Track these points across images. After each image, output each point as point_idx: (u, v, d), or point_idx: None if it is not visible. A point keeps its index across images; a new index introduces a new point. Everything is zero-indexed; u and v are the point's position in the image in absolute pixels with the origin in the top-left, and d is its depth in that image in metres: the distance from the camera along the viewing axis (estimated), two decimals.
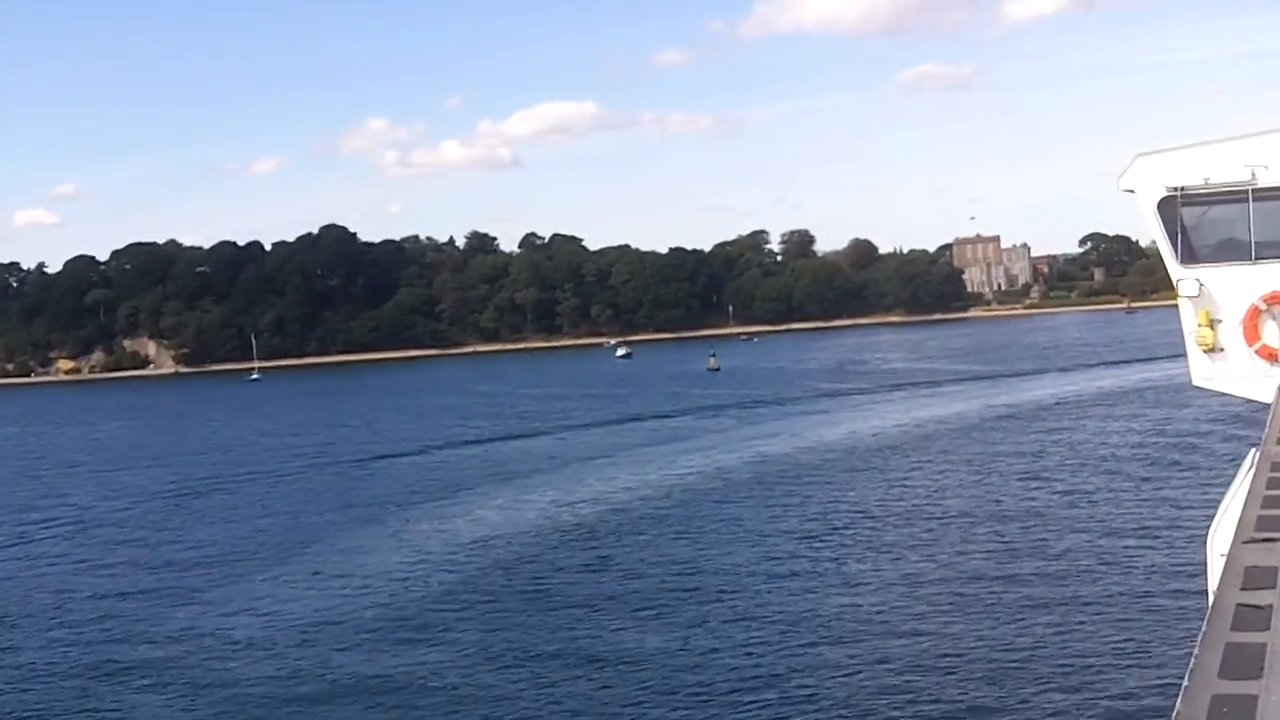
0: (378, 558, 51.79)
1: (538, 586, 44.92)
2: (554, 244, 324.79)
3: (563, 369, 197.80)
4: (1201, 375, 19.61)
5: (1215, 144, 18.93)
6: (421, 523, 59.61)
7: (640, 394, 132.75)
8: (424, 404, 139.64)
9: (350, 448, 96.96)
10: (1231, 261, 19.07)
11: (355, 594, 45.43)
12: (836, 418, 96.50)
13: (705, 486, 65.40)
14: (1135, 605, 36.61)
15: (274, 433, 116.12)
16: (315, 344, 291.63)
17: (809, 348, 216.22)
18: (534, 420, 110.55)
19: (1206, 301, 19.02)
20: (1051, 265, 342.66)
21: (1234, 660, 6.65)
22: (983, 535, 49.07)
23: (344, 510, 65.44)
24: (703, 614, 39.71)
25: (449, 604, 42.95)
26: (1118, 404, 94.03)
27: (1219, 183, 18.55)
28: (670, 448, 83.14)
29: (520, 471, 75.92)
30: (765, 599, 41.21)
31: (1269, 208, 18.68)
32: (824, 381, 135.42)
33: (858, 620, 37.85)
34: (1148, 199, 19.09)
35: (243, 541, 58.21)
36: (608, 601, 42.22)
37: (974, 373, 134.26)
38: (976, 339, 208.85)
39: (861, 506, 57.29)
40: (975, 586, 40.41)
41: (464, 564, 49.48)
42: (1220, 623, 7.36)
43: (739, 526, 54.00)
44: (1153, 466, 62.97)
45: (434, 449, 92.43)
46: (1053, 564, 42.95)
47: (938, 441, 78.54)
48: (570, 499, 63.73)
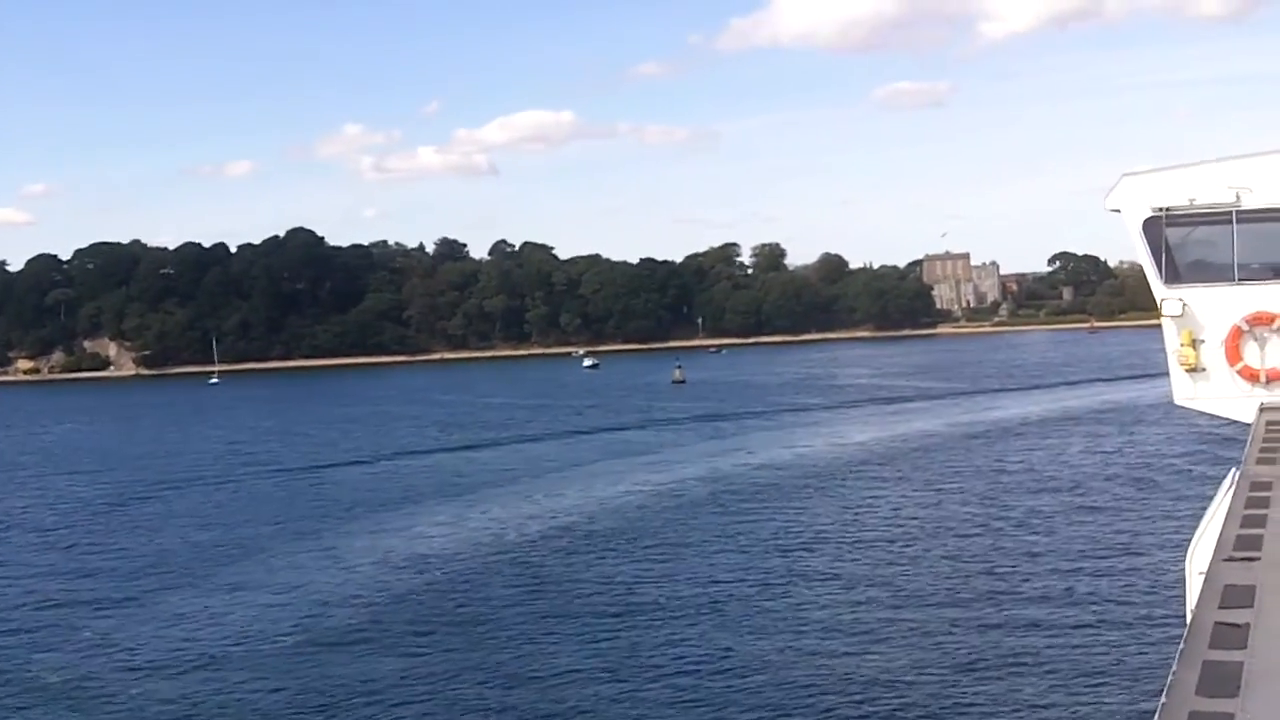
0: (306, 575, 49.66)
1: (468, 608, 43.01)
2: (524, 252, 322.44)
3: (528, 379, 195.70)
4: (1184, 394, 19.70)
5: (1201, 165, 19.06)
6: (357, 538, 57.46)
7: (602, 406, 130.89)
8: (382, 412, 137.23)
9: (298, 455, 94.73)
10: (1215, 282, 19.25)
11: (274, 613, 43.29)
12: (797, 435, 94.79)
13: (656, 505, 63.47)
14: (1115, 623, 36.52)
15: (223, 438, 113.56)
16: (280, 348, 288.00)
17: (776, 361, 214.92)
18: (491, 431, 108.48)
19: (1189, 321, 19.19)
20: (1020, 283, 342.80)
21: (1212, 678, 6.73)
22: (955, 554, 48.11)
23: (279, 522, 63.20)
24: (638, 637, 38.09)
25: (373, 626, 40.92)
26: (1083, 423, 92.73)
27: (1204, 204, 18.69)
28: (625, 463, 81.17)
29: (469, 485, 73.90)
30: (709, 621, 39.60)
31: (1253, 229, 18.83)
32: (788, 396, 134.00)
33: (814, 644, 36.34)
34: (1133, 218, 19.22)
35: (169, 553, 55.94)
36: (540, 623, 40.46)
37: (938, 390, 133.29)
38: (943, 356, 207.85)
39: (817, 527, 55.60)
40: (946, 606, 39.86)
41: (394, 583, 47.39)
42: (1198, 640, 7.46)
43: (685, 547, 52.16)
44: (1124, 485, 62.01)
45: (384, 459, 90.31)
46: (1028, 583, 42.43)
47: (900, 461, 76.97)
48: (515, 515, 61.73)
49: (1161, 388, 20.22)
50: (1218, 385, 19.36)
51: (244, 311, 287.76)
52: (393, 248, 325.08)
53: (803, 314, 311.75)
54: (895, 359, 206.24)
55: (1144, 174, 19.39)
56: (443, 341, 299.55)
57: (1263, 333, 19.03)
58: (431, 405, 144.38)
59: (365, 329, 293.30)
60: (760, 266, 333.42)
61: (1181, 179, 18.98)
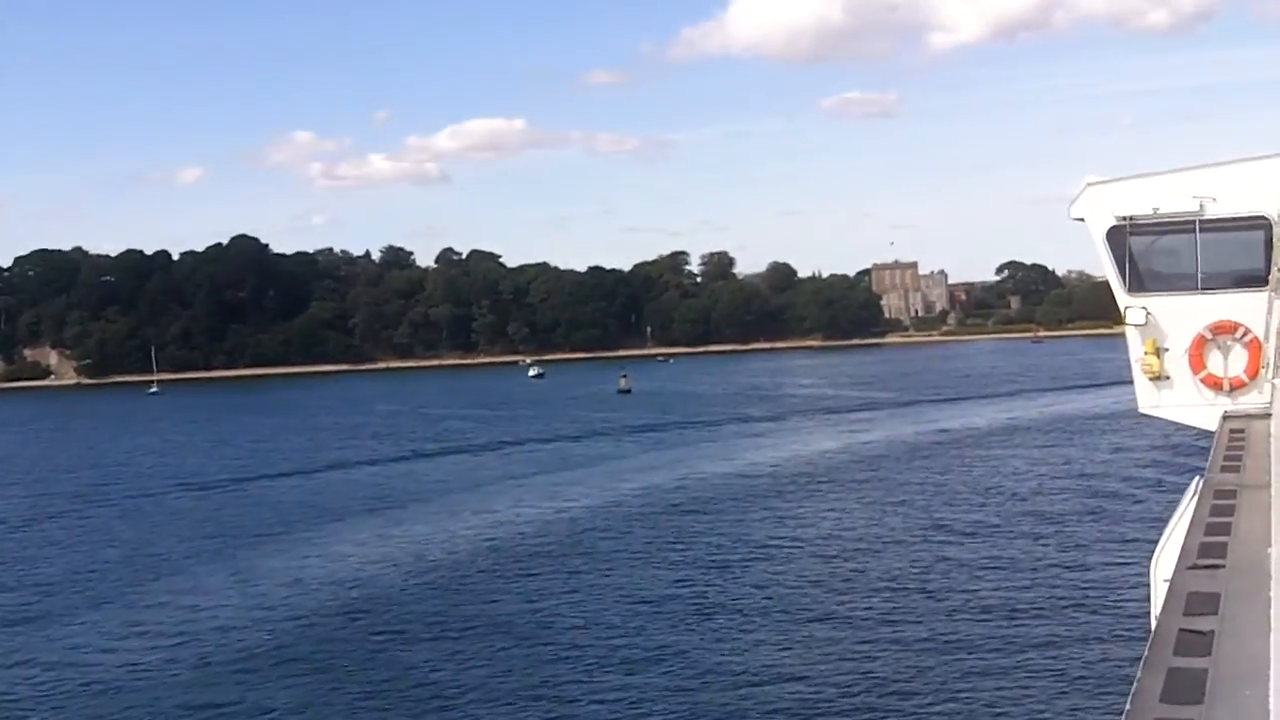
0: (208, 597, 47.53)
1: (376, 632, 41.18)
2: (471, 260, 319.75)
3: (472, 388, 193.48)
4: (1148, 403, 19.82)
5: (1164, 175, 19.22)
6: (269, 557, 55.26)
7: (544, 416, 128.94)
8: (318, 422, 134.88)
9: (224, 469, 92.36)
10: (1178, 291, 19.33)
11: (170, 640, 41.16)
12: (739, 447, 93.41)
13: (587, 521, 61.74)
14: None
15: (153, 450, 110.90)
16: (223, 357, 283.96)
17: (723, 371, 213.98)
18: (425, 443, 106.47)
19: (1153, 330, 19.33)
20: (969, 293, 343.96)
21: (1176, 685, 6.75)
22: (911, 566, 47.58)
23: (194, 540, 60.92)
24: (553, 661, 36.51)
25: (273, 653, 38.99)
26: (1035, 434, 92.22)
27: (1167, 213, 18.84)
28: (559, 477, 79.28)
29: (394, 500, 71.88)
30: (626, 645, 38.01)
31: (1216, 239, 18.98)
32: (732, 407, 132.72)
33: (755, 662, 35.32)
34: (1097, 227, 19.31)
35: (73, 575, 53.58)
36: (450, 645, 38.80)
37: (883, 400, 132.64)
38: (889, 366, 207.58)
39: (754, 542, 54.30)
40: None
41: (301, 606, 45.34)
42: (1162, 648, 7.49)
43: (609, 566, 50.48)
44: (1083, 495, 61.31)
45: (311, 472, 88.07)
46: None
47: (843, 473, 75.84)
48: (436, 533, 59.79)
49: (1113, 397, 20.47)
50: (1181, 393, 19.46)
51: (186, 320, 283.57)
52: (338, 255, 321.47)
53: (752, 323, 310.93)
54: (842, 369, 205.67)
55: (1108, 183, 19.45)
56: (388, 350, 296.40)
57: (1226, 341, 19.16)
58: (369, 415, 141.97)
59: (309, 338, 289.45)
60: (709, 275, 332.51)
61: (1145, 188, 19.08)
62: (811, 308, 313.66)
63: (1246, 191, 18.69)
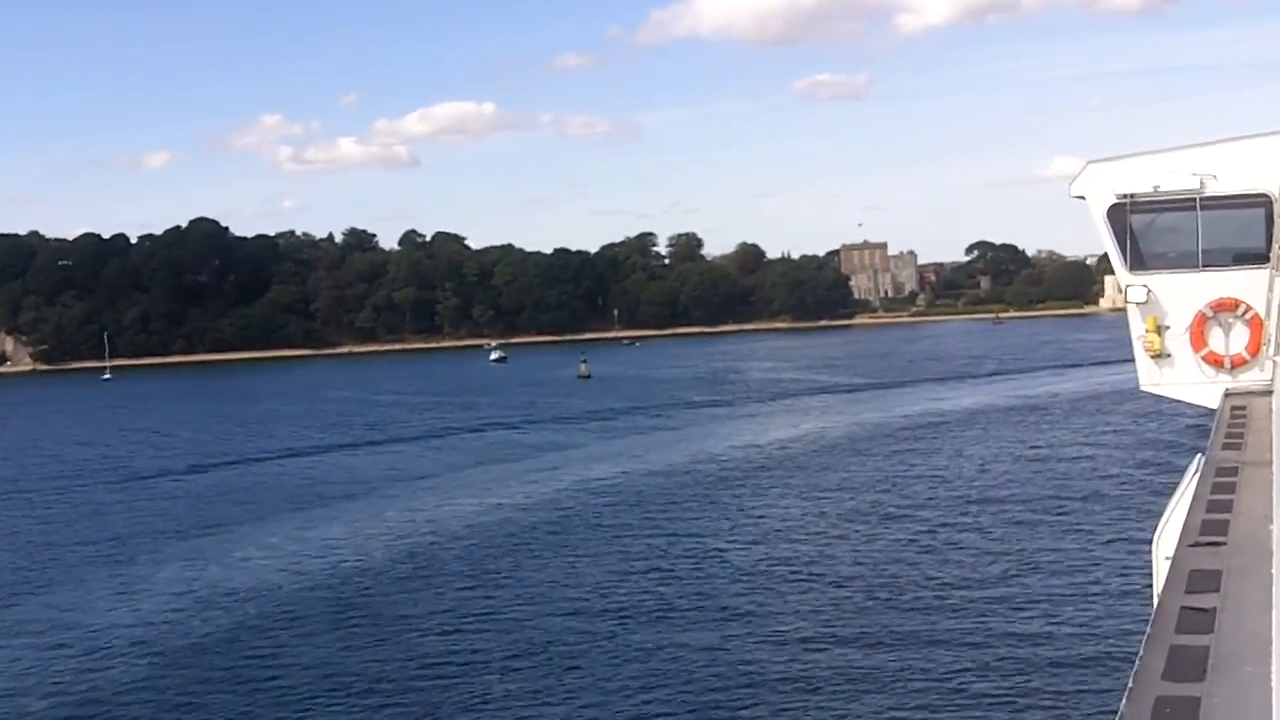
0: (109, 608, 44.21)
1: (279, 643, 38.02)
2: (435, 242, 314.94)
3: (432, 373, 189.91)
4: (1149, 380, 19.93)
5: (1165, 153, 19.23)
6: (175, 561, 51.97)
7: (499, 403, 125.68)
8: (265, 410, 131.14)
9: (156, 460, 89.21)
10: (1179, 269, 19.48)
11: (49, 656, 37.82)
12: (694, 434, 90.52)
13: (527, 516, 58.81)
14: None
15: (86, 440, 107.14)
16: (181, 343, 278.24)
17: (689, 355, 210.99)
18: (373, 431, 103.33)
19: (1154, 308, 19.44)
20: (938, 273, 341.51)
21: (1178, 663, 6.83)
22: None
23: (103, 541, 57.47)
24: (464, 665, 34.25)
25: (161, 672, 35.71)
26: (1012, 417, 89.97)
27: (1168, 191, 18.90)
28: (502, 469, 76.17)
29: (327, 493, 68.96)
30: (555, 653, 35.50)
31: (1216, 216, 19.06)
32: (693, 392, 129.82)
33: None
34: (1098, 205, 19.38)
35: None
36: (347, 645, 36.50)
37: (844, 385, 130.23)
38: (856, 348, 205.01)
39: (705, 537, 51.57)
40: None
41: (209, 615, 42.10)
42: (1164, 626, 7.55)
43: (539, 566, 47.52)
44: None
45: (247, 462, 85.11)
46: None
47: (804, 461, 73.47)
48: (360, 531, 56.79)
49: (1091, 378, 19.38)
50: (1183, 371, 19.59)
51: (144, 304, 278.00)
52: (300, 238, 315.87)
53: (720, 305, 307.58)
54: (808, 351, 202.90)
55: (1108, 161, 19.50)
56: (351, 334, 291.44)
57: (1227, 319, 19.22)
58: (315, 402, 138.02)
59: (269, 322, 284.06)
60: (677, 257, 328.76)
61: (1146, 166, 19.15)
62: (780, 289, 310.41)
63: (1247, 169, 18.72)
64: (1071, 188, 19.65)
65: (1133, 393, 20.41)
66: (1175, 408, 21.49)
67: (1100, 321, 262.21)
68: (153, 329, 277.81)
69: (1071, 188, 19.65)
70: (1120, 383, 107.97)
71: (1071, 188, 19.65)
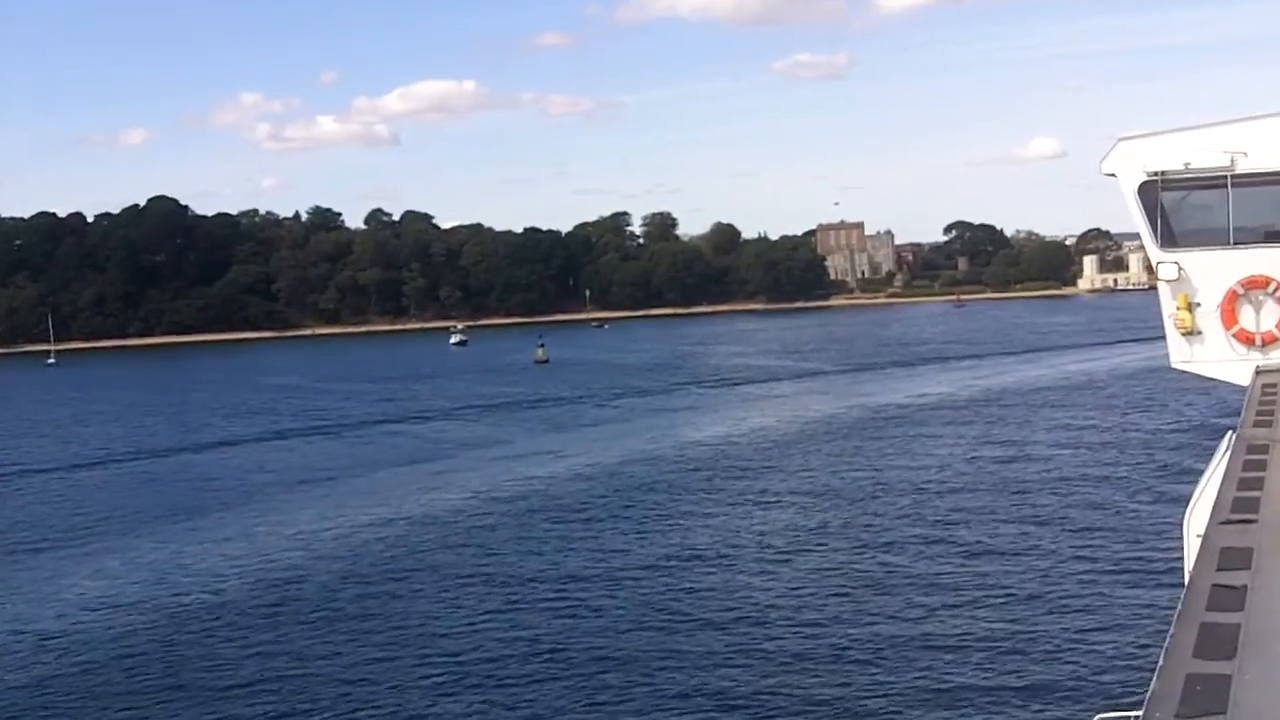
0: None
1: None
2: (403, 221, 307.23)
3: (388, 357, 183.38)
4: (1180, 358, 19.97)
5: (1196, 130, 19.15)
6: (47, 573, 45.77)
7: (446, 390, 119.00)
8: (195, 399, 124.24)
9: (60, 453, 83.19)
10: (1210, 246, 19.39)
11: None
12: (637, 427, 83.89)
13: (448, 521, 52.63)
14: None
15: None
16: (138, 325, 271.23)
17: (658, 337, 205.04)
18: (301, 420, 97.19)
19: (1185, 285, 19.42)
20: (916, 253, 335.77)
21: (1209, 640, 6.86)
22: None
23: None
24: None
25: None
26: (992, 406, 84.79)
27: (1199, 168, 18.82)
28: (433, 466, 69.67)
29: (224, 494, 62.71)
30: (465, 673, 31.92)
31: (1247, 193, 18.99)
32: (649, 378, 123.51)
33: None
34: (1128, 183, 19.30)
35: None
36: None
37: (803, 370, 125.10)
38: (825, 331, 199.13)
39: (617, 552, 45.53)
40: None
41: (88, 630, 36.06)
42: (1196, 603, 7.55)
43: (440, 586, 41.34)
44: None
45: (157, 456, 79.33)
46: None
47: (750, 457, 67.78)
48: (252, 541, 50.34)
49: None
50: (1213, 349, 19.63)
51: (99, 285, 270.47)
52: (264, 216, 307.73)
53: (694, 286, 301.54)
54: (777, 334, 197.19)
55: (1139, 138, 19.39)
56: (314, 316, 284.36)
57: (1258, 296, 19.22)
58: (252, 391, 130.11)
59: (230, 303, 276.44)
60: (651, 237, 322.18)
61: (1177, 143, 19.02)
62: (755, 270, 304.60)
63: (1278, 146, 18.52)
64: (1102, 165, 19.50)
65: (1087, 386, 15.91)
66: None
67: (1078, 303, 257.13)
68: (109, 310, 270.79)
69: (1102, 165, 19.50)
70: (1093, 370, 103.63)
71: (1102, 165, 19.50)
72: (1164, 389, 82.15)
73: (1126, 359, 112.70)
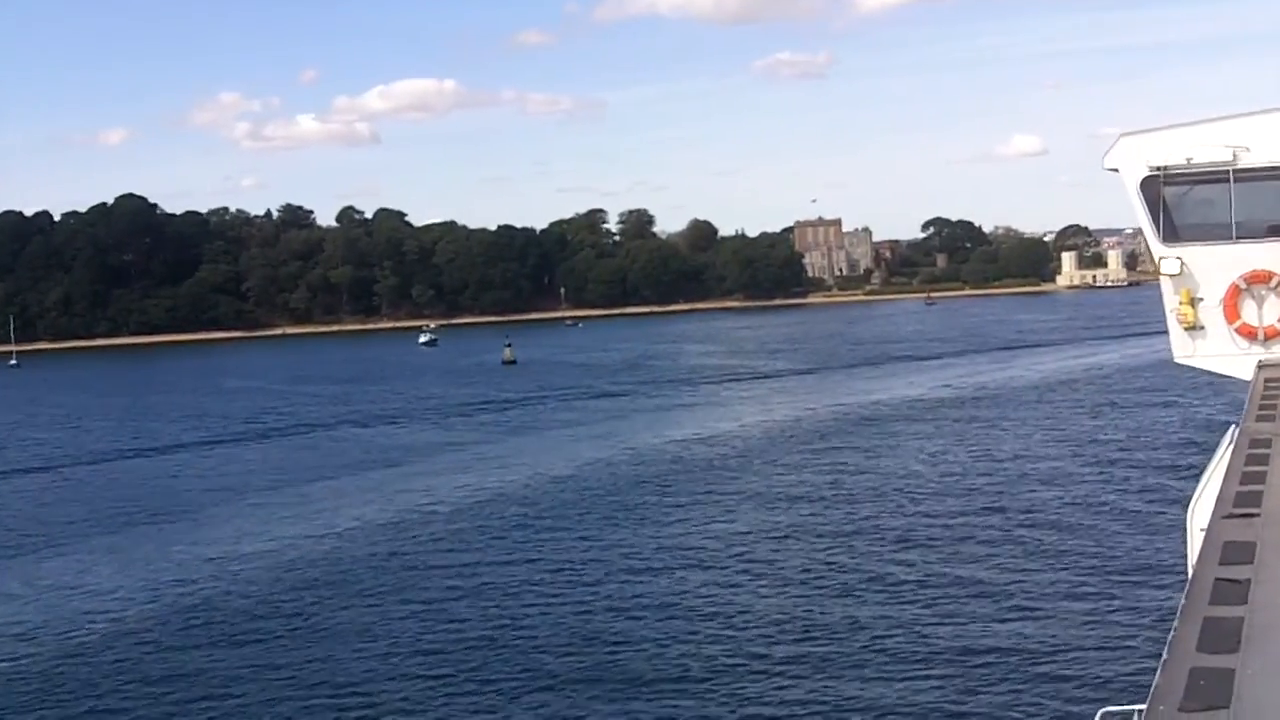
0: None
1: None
2: (376, 219, 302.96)
3: (355, 358, 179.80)
4: (1182, 352, 19.95)
5: (1198, 125, 19.18)
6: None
7: (400, 394, 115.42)
8: (146, 402, 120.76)
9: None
10: (1212, 241, 19.45)
11: None
12: (600, 430, 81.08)
13: (393, 535, 49.73)
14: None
15: None
16: (106, 324, 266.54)
17: (630, 336, 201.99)
18: (248, 424, 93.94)
19: (1188, 280, 19.42)
20: (894, 250, 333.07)
21: (1212, 634, 6.88)
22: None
23: None
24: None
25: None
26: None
27: (1201, 163, 18.81)
28: (380, 475, 66.59)
29: (160, 502, 60.02)
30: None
31: (1250, 188, 19.06)
32: (617, 379, 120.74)
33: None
34: (1131, 178, 19.31)
35: None
36: None
37: (782, 370, 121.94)
38: (800, 329, 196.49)
39: (564, 566, 42.81)
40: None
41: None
42: (1199, 597, 7.58)
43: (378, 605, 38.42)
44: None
45: (85, 464, 76.02)
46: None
47: (710, 462, 65.22)
48: (179, 555, 47.36)
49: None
50: (1216, 343, 19.65)
51: (66, 285, 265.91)
52: (233, 215, 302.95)
53: (670, 283, 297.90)
54: (753, 332, 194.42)
55: (1141, 133, 19.37)
56: (285, 316, 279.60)
57: (1260, 291, 19.26)
58: (207, 394, 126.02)
59: (199, 303, 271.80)
60: (627, 234, 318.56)
61: (1179, 138, 19.04)
62: (731, 267, 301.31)
63: None
64: (1105, 160, 19.49)
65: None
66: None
67: (1057, 300, 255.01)
68: (75, 311, 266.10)
69: (1105, 160, 19.49)
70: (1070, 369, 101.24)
71: (1105, 160, 19.49)
72: (1164, 385, 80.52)
73: (1122, 355, 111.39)
